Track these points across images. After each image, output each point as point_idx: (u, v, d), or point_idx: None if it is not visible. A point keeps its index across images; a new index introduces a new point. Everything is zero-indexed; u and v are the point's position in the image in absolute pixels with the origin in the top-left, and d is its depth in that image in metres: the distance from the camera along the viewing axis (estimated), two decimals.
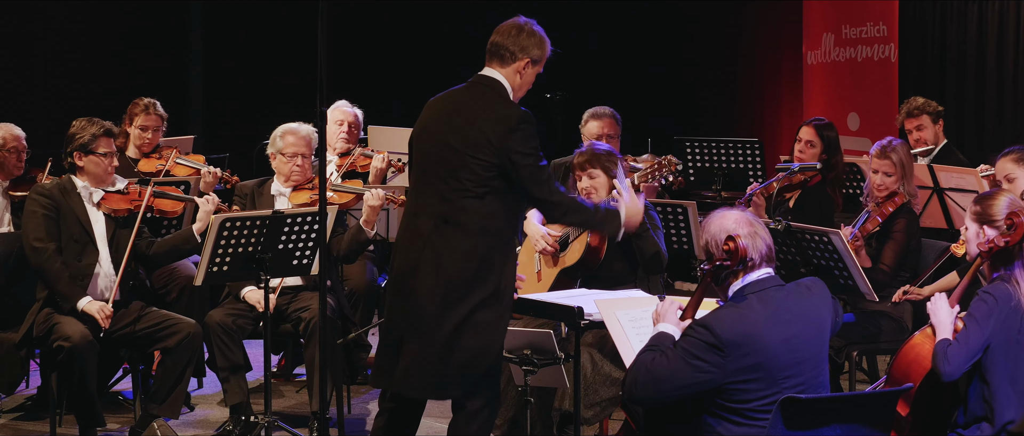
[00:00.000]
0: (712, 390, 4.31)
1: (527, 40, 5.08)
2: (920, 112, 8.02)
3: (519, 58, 5.07)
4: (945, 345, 4.62)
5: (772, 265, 4.46)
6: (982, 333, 4.61)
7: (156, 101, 7.86)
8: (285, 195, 6.81)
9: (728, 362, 4.28)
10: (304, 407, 7.12)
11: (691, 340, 4.33)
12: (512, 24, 5.11)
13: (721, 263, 4.40)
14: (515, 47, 5.07)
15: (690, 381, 4.30)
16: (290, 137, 6.84)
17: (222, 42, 11.01)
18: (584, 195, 6.22)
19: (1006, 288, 4.68)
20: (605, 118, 7.64)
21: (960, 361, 4.59)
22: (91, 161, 6.36)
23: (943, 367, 4.58)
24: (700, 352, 4.29)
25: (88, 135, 6.34)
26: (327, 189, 5.87)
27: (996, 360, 4.64)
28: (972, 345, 4.61)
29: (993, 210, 4.83)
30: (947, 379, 4.60)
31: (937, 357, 4.61)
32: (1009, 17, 9.46)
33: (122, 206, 6.43)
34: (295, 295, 6.79)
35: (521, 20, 5.12)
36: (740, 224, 4.43)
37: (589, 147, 6.33)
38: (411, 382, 5.03)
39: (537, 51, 5.10)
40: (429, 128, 5.12)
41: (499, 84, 5.07)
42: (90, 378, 6.20)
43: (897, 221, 6.53)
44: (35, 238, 6.24)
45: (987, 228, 4.82)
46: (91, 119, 6.41)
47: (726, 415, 4.34)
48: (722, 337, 4.28)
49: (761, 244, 4.43)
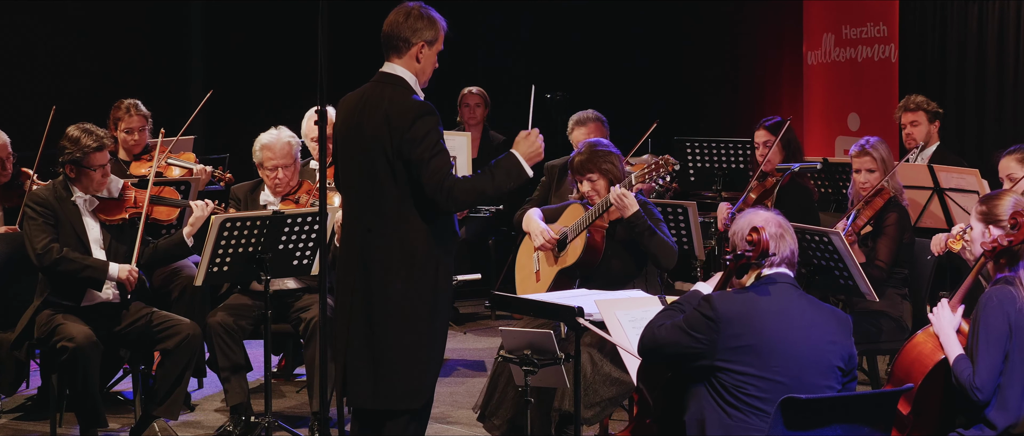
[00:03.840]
0: (706, 367, 4.39)
1: (417, 23, 5.05)
2: (917, 108, 8.03)
3: (413, 43, 5.05)
4: (970, 373, 4.60)
5: (793, 271, 4.53)
6: (999, 348, 4.60)
7: (137, 101, 7.82)
8: (276, 205, 6.78)
9: (720, 338, 4.36)
10: (304, 407, 7.12)
11: (694, 312, 4.44)
12: (400, 11, 5.08)
13: (743, 252, 4.45)
14: (407, 33, 5.04)
15: (682, 348, 4.42)
16: (267, 152, 6.79)
17: (222, 42, 11.01)
18: (586, 198, 6.22)
19: (1008, 290, 4.67)
20: (590, 123, 7.64)
21: (991, 386, 4.60)
22: (84, 174, 6.33)
23: (977, 397, 4.59)
24: (696, 323, 4.40)
25: (80, 151, 6.28)
26: (305, 194, 6.03)
27: (1008, 362, 4.63)
28: (995, 364, 4.60)
29: (999, 210, 4.84)
30: (984, 404, 4.60)
31: (966, 388, 4.59)
32: (1009, 17, 9.45)
33: (117, 216, 6.41)
34: (296, 296, 6.78)
35: (409, 5, 5.09)
36: (769, 222, 4.52)
37: (587, 147, 6.28)
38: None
39: (430, 32, 5.07)
40: (343, 132, 5.13)
41: (399, 79, 5.05)
42: (93, 378, 6.20)
43: (888, 216, 6.55)
44: (41, 245, 6.21)
45: (993, 228, 4.83)
46: (86, 130, 6.33)
47: (722, 402, 4.39)
48: (719, 311, 4.38)
49: (785, 247, 4.52)
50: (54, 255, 6.19)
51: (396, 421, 5.06)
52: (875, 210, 6.55)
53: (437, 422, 6.69)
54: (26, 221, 6.30)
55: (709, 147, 8.52)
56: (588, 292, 5.66)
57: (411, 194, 4.97)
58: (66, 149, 6.30)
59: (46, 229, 6.24)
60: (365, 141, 5.01)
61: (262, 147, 6.80)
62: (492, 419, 5.86)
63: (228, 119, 10.55)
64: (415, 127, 4.93)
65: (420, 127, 4.93)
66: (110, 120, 7.81)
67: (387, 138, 4.95)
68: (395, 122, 4.95)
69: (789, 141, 7.51)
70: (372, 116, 5.01)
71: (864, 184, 6.62)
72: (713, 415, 4.40)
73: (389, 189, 4.97)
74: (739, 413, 4.36)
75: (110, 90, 9.59)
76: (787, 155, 7.51)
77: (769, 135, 7.52)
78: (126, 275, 6.29)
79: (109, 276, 6.26)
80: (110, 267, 6.27)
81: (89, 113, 6.98)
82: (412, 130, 4.92)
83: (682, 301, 4.59)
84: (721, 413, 4.39)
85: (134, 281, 6.32)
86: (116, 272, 6.28)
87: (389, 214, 4.98)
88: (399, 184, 4.97)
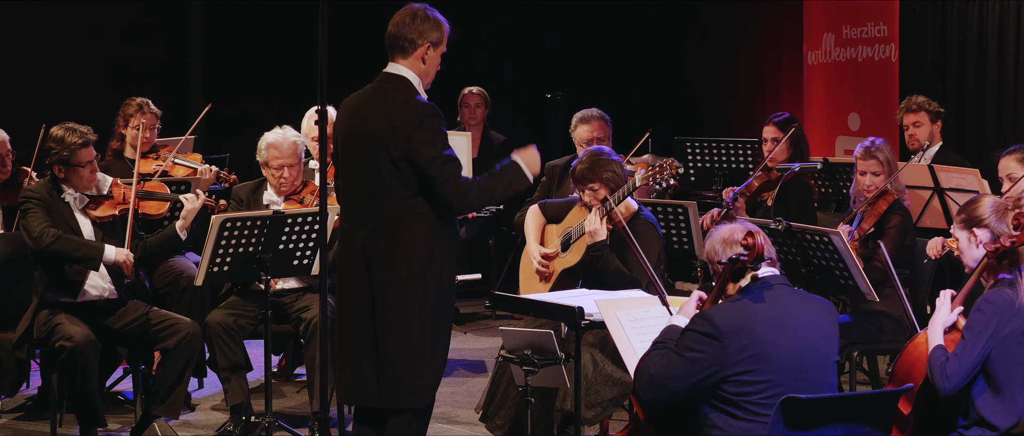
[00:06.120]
0: (715, 383, 4.32)
1: (422, 25, 5.08)
2: (919, 109, 8.03)
3: (419, 45, 5.08)
4: (941, 359, 4.61)
5: (776, 268, 4.52)
6: (979, 346, 4.59)
7: (148, 100, 7.83)
8: (279, 204, 6.78)
9: (727, 353, 4.30)
10: (304, 407, 7.11)
11: (689, 333, 4.37)
12: (406, 12, 5.10)
13: (738, 257, 4.43)
14: (413, 34, 5.07)
15: (691, 377, 4.32)
16: (273, 151, 6.79)
17: (222, 41, 11.00)
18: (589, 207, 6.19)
19: (1006, 294, 4.66)
20: (594, 121, 7.63)
21: (959, 378, 4.58)
22: (73, 172, 6.33)
23: (942, 383, 4.57)
24: (696, 344, 4.32)
25: (67, 150, 6.27)
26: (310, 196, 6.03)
27: (1007, 364, 4.63)
28: (971, 359, 4.59)
29: (978, 211, 4.85)
30: (945, 394, 4.59)
31: (935, 372, 4.59)
32: (1009, 17, 9.45)
33: (107, 213, 6.41)
34: (297, 296, 6.78)
35: (415, 6, 5.12)
36: (749, 227, 4.48)
37: (588, 156, 6.21)
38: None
39: (435, 34, 5.10)
40: (347, 134, 5.13)
41: (404, 80, 5.07)
42: (92, 378, 6.20)
43: (891, 218, 6.55)
44: (37, 230, 6.20)
45: (977, 230, 4.83)
46: (69, 128, 6.32)
47: (725, 407, 4.35)
48: (720, 326, 4.31)
49: (771, 248, 4.51)
50: (50, 237, 6.18)
51: (399, 419, 5.06)
52: (879, 215, 6.54)
53: (438, 422, 6.69)
54: (22, 213, 6.31)
55: (709, 147, 8.52)
56: (589, 292, 5.66)
57: (414, 194, 4.97)
58: (52, 149, 6.30)
59: (42, 216, 6.23)
60: (368, 142, 5.01)
61: (268, 146, 6.80)
62: (494, 419, 5.86)
63: (228, 120, 10.54)
64: (422, 129, 4.94)
65: (427, 129, 4.94)
66: (119, 117, 7.80)
67: (391, 139, 4.95)
68: (400, 123, 4.95)
69: (797, 139, 7.51)
70: (376, 117, 5.01)
71: (869, 187, 6.60)
72: (717, 421, 4.38)
73: (392, 190, 4.98)
74: (745, 422, 4.34)
75: (110, 90, 9.59)
76: (794, 154, 7.50)
77: (778, 131, 7.52)
78: (123, 258, 6.26)
79: (105, 258, 6.25)
80: (106, 249, 6.25)
81: (89, 113, 6.98)
82: (419, 132, 4.93)
83: (662, 338, 4.51)
84: (726, 418, 4.36)
85: (130, 266, 6.30)
86: (113, 255, 6.26)
87: (392, 214, 4.99)
88: (402, 185, 4.97)
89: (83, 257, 6.23)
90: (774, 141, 7.51)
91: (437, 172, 4.93)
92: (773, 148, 7.46)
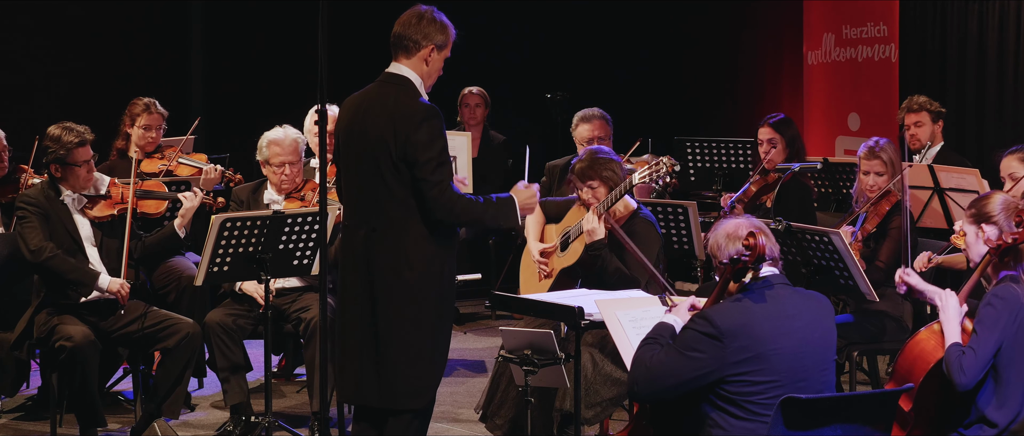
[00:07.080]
0: (713, 382, 4.33)
1: (428, 27, 5.07)
2: (921, 109, 8.02)
3: (423, 46, 5.07)
4: (958, 353, 4.62)
5: (778, 267, 4.53)
6: (993, 339, 4.61)
7: (155, 100, 7.84)
8: (280, 203, 6.78)
9: (727, 353, 4.30)
10: (304, 407, 7.11)
11: (689, 332, 4.37)
12: (412, 13, 5.10)
13: (740, 257, 4.42)
14: (418, 36, 5.06)
15: (688, 375, 4.33)
16: (275, 147, 6.79)
17: (222, 41, 11.00)
18: (588, 205, 6.18)
19: (1013, 289, 4.68)
20: (595, 120, 7.63)
21: (975, 372, 4.60)
22: (69, 171, 6.33)
23: (959, 378, 4.58)
24: (697, 343, 4.32)
25: (64, 149, 6.27)
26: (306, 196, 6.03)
27: (1010, 360, 4.64)
28: (987, 353, 4.61)
29: (989, 208, 4.87)
30: (962, 389, 4.60)
31: (952, 367, 4.60)
32: (1009, 17, 9.45)
33: (105, 213, 6.41)
34: (296, 296, 6.78)
35: (422, 8, 5.11)
36: (755, 224, 4.50)
37: (588, 155, 6.21)
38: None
39: (440, 37, 5.09)
40: (348, 133, 5.12)
41: (406, 80, 5.06)
42: (92, 378, 6.20)
43: (894, 218, 6.54)
44: (34, 244, 6.22)
45: (986, 226, 4.84)
46: (67, 128, 6.32)
47: (726, 407, 4.36)
48: (721, 327, 4.31)
49: (774, 246, 4.51)
50: (48, 253, 6.18)
51: (399, 419, 5.06)
52: (882, 216, 6.54)
53: (438, 422, 6.69)
54: (18, 221, 6.31)
55: (709, 147, 8.52)
56: (589, 292, 5.66)
57: (414, 195, 4.97)
58: (49, 149, 6.31)
59: (39, 227, 6.23)
60: (369, 141, 5.01)
61: (269, 143, 6.80)
62: (494, 419, 5.86)
63: (228, 120, 10.55)
64: (421, 130, 4.93)
65: (426, 131, 4.94)
66: (125, 116, 7.81)
67: (392, 139, 4.95)
68: (400, 124, 4.95)
69: (793, 140, 7.52)
70: (377, 116, 5.01)
71: (872, 188, 6.59)
72: (718, 420, 4.38)
73: (393, 190, 4.98)
74: (745, 421, 4.34)
75: (110, 90, 9.60)
76: (790, 154, 7.51)
77: (773, 132, 7.53)
78: (116, 288, 6.27)
79: (98, 287, 6.25)
80: (101, 278, 6.26)
81: (89, 112, 6.97)
82: (418, 133, 4.93)
83: (655, 335, 4.51)
84: (726, 417, 4.37)
85: (125, 296, 6.30)
86: (107, 284, 6.27)
87: (393, 214, 4.99)
88: (403, 184, 4.97)
89: (76, 281, 6.24)
90: (769, 142, 7.51)
91: (428, 175, 4.92)
92: (769, 150, 7.46)
